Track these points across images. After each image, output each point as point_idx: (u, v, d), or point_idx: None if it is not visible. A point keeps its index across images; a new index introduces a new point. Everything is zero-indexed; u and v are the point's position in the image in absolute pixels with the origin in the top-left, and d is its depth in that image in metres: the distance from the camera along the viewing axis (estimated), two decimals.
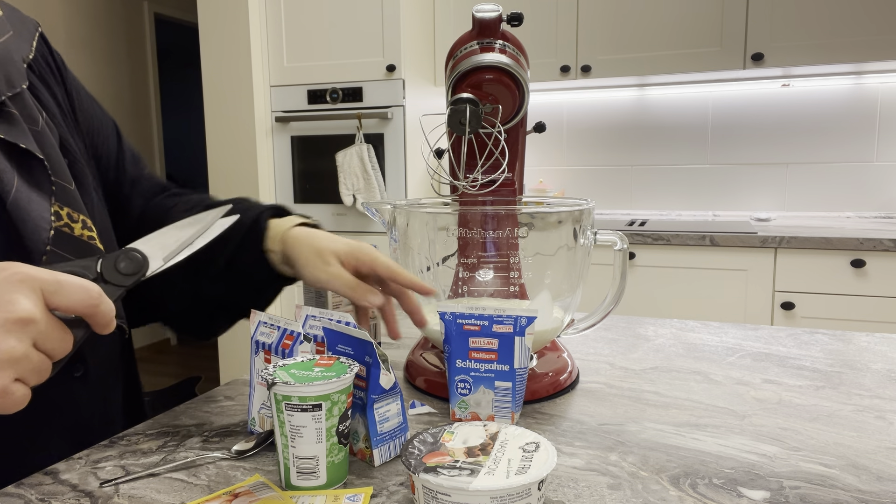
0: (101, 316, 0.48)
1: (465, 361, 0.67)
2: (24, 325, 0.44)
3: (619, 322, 1.10)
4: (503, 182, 0.85)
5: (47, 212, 0.63)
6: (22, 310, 0.44)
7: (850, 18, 2.23)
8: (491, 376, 0.66)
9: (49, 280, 0.46)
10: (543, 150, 3.00)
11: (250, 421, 0.68)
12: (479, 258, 0.78)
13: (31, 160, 0.64)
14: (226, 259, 0.76)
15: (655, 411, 0.72)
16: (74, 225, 0.65)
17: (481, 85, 0.80)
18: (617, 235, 0.75)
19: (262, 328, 0.69)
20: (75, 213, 0.66)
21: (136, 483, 0.58)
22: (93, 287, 0.48)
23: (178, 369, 3.97)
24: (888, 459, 0.61)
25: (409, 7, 2.58)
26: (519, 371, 0.66)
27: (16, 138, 0.62)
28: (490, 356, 0.66)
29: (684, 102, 2.77)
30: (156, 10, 4.24)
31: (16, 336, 0.44)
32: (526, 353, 0.65)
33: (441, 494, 0.48)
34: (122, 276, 0.52)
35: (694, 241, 2.24)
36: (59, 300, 0.46)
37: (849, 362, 0.88)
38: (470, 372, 0.67)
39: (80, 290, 0.47)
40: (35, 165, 0.64)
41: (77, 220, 0.66)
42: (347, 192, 2.58)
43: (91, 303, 0.47)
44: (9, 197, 0.61)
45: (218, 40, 2.70)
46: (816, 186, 2.62)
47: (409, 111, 2.59)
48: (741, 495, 0.54)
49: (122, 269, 0.53)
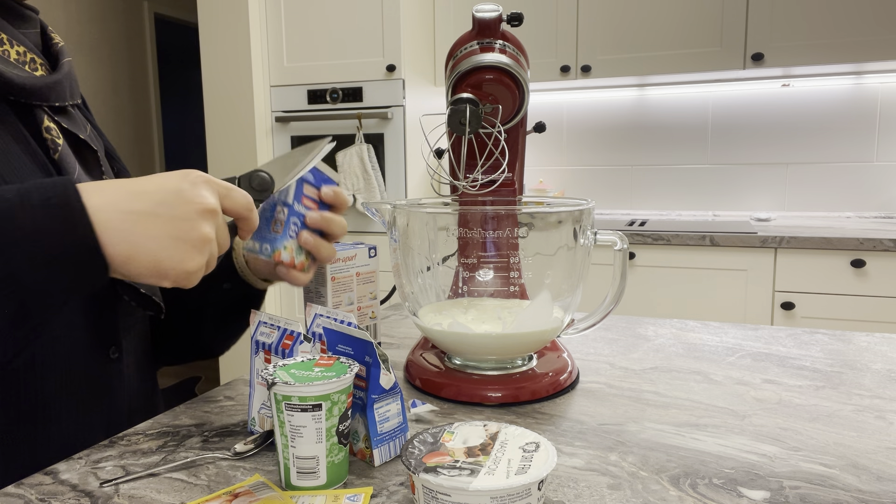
0: (252, 222, 0.59)
1: (300, 206, 0.70)
2: (213, 216, 0.55)
3: (619, 322, 1.10)
4: (503, 182, 0.85)
5: None
6: (211, 203, 0.55)
7: (850, 18, 2.23)
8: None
9: (222, 184, 0.57)
10: (543, 150, 3.00)
11: (250, 421, 0.68)
12: (479, 258, 0.78)
13: (85, 150, 0.74)
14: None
15: (655, 411, 0.72)
16: None
17: (481, 85, 0.80)
18: (617, 235, 0.75)
19: (262, 328, 0.69)
20: None
21: (136, 483, 0.58)
22: (249, 196, 0.58)
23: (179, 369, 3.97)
24: (888, 459, 0.61)
25: (409, 7, 2.58)
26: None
27: (77, 130, 0.72)
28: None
29: (684, 102, 2.77)
30: (156, 10, 4.24)
31: (210, 223, 0.55)
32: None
33: (441, 494, 0.48)
34: (256, 192, 0.62)
35: (694, 241, 2.24)
36: (229, 203, 0.57)
37: (849, 362, 0.88)
38: (301, 217, 0.70)
39: (243, 196, 0.58)
40: (89, 158, 0.74)
41: None
42: (347, 192, 2.58)
43: (249, 207, 0.58)
44: (73, 178, 0.68)
45: (218, 40, 2.70)
46: (816, 186, 2.62)
47: (409, 111, 2.59)
48: (741, 495, 0.54)
49: (256, 186, 0.62)
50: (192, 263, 0.54)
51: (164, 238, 0.53)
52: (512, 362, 0.79)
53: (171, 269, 0.53)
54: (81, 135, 0.73)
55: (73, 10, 3.62)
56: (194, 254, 0.54)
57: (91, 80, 3.75)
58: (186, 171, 0.56)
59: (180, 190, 0.54)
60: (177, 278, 0.54)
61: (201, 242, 0.54)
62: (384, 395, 0.60)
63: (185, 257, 0.54)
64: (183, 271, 0.54)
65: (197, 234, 0.54)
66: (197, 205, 0.54)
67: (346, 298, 0.92)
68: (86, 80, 3.70)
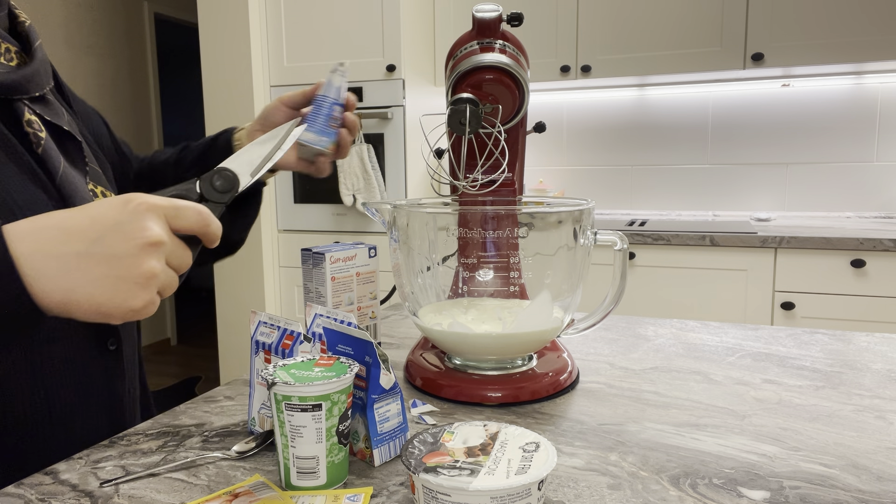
0: (212, 233, 0.55)
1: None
2: (158, 247, 0.51)
3: (619, 322, 1.10)
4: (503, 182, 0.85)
5: (86, 190, 0.71)
6: (154, 234, 0.50)
7: (850, 18, 2.23)
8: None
9: (169, 206, 0.52)
10: (543, 150, 3.00)
11: (250, 421, 0.68)
12: (479, 258, 0.78)
13: (68, 142, 0.72)
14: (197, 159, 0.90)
15: (655, 411, 0.72)
16: None
17: (481, 85, 0.80)
18: (617, 235, 0.75)
19: (262, 328, 0.69)
20: (108, 192, 0.75)
21: (136, 483, 0.58)
22: (202, 209, 0.54)
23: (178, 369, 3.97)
24: (888, 459, 0.61)
25: (409, 7, 2.58)
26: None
27: (59, 121, 0.71)
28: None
29: (684, 102, 2.77)
30: (156, 10, 4.24)
31: (154, 256, 0.51)
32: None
33: (441, 494, 0.48)
34: (219, 194, 0.58)
35: (694, 241, 2.24)
36: (179, 223, 0.53)
37: (849, 362, 0.88)
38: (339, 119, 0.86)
39: (195, 212, 0.53)
40: (72, 148, 0.72)
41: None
42: (347, 192, 2.58)
43: (204, 222, 0.54)
44: (58, 174, 0.68)
45: (218, 40, 2.70)
46: (816, 186, 2.62)
47: (409, 111, 2.59)
48: (741, 495, 0.54)
49: (219, 188, 0.58)
50: (137, 301, 0.50)
51: (103, 279, 0.49)
52: (512, 362, 0.79)
53: (115, 309, 0.50)
54: (64, 125, 0.71)
55: (72, 9, 3.62)
56: (138, 291, 0.50)
57: (91, 79, 3.75)
58: (128, 197, 0.52)
59: (118, 224, 0.50)
60: (124, 317, 0.51)
61: (145, 279, 0.50)
62: (384, 395, 0.60)
63: (127, 297, 0.50)
64: (128, 310, 0.50)
65: (139, 272, 0.50)
66: (138, 239, 0.49)
67: (346, 298, 0.92)
68: (86, 79, 3.70)
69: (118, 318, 0.51)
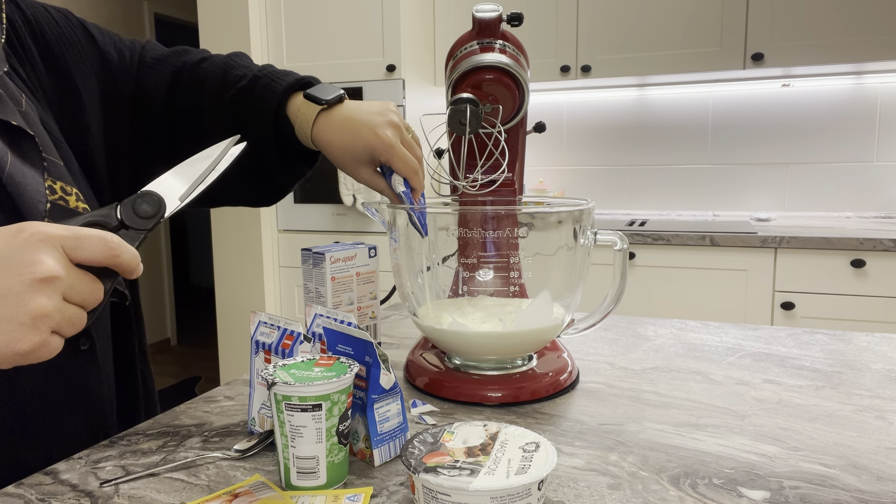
0: (125, 264, 0.49)
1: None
2: (50, 283, 0.46)
3: (619, 322, 1.10)
4: (503, 182, 0.85)
5: (42, 186, 0.65)
6: (45, 269, 0.45)
7: (850, 18, 2.23)
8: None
9: (68, 236, 0.47)
10: (543, 150, 3.00)
11: (250, 421, 0.68)
12: (479, 258, 0.78)
13: (21, 137, 0.65)
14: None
15: (655, 411, 0.72)
16: (69, 198, 0.67)
17: (481, 85, 0.80)
18: (617, 235, 0.75)
19: (262, 328, 0.69)
20: (68, 187, 0.68)
21: (136, 483, 0.58)
22: (111, 238, 0.49)
23: (178, 369, 3.97)
24: (888, 459, 0.61)
25: (409, 7, 2.58)
26: None
27: (7, 116, 0.64)
28: None
29: (684, 102, 2.77)
30: (156, 10, 4.24)
31: (45, 293, 0.45)
32: None
33: (441, 494, 0.48)
34: (141, 220, 0.53)
35: (694, 241, 2.25)
36: (81, 254, 0.48)
37: (849, 362, 0.88)
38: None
39: (99, 242, 0.48)
40: (25, 143, 0.66)
41: (71, 193, 0.67)
42: (347, 192, 2.58)
43: (111, 253, 0.48)
44: (3, 173, 0.62)
45: (218, 40, 2.70)
46: (816, 186, 2.62)
47: (409, 111, 2.59)
48: (741, 495, 0.54)
49: (141, 213, 0.53)
50: (23, 344, 0.45)
51: None
52: (512, 362, 0.79)
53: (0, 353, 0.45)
54: (14, 121, 0.64)
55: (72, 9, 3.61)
56: (24, 333, 0.45)
57: None
58: (21, 227, 0.47)
59: (4, 258, 0.45)
60: (13, 361, 0.46)
61: (31, 318, 0.45)
62: (384, 395, 0.60)
63: (10, 339, 0.45)
64: (14, 354, 0.45)
65: (26, 311, 0.45)
66: (25, 275, 0.45)
67: (346, 298, 0.92)
68: None
69: (8, 361, 0.46)
